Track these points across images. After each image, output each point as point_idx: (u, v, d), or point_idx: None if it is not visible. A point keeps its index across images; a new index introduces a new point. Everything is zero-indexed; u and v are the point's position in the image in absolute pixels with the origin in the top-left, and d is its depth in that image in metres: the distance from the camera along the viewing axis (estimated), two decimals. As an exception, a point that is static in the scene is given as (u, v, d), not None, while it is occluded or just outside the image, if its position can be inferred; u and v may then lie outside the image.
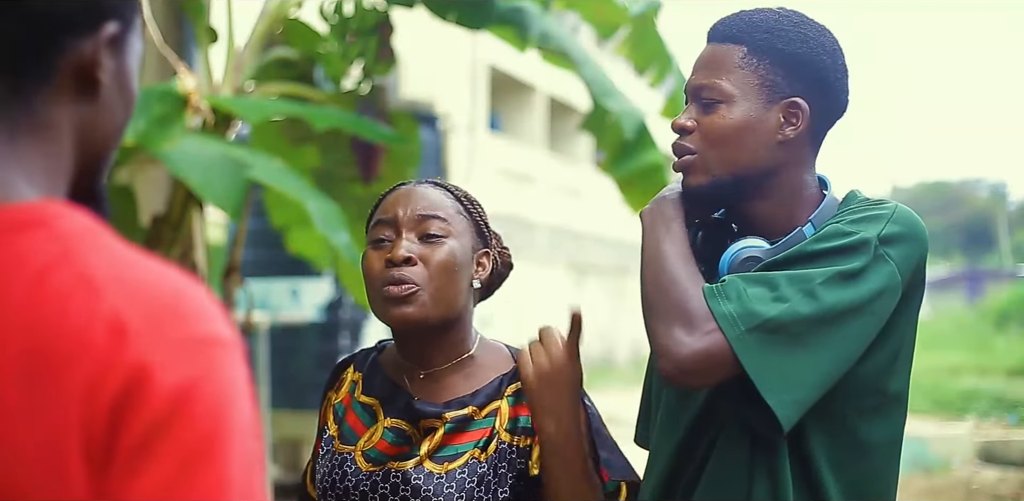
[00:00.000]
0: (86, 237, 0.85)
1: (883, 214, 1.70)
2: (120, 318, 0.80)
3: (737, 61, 1.76)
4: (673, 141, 1.80)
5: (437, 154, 9.34)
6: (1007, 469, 8.89)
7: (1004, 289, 26.60)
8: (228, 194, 3.69)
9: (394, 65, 4.75)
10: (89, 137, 0.93)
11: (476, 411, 1.80)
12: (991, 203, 48.66)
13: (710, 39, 1.81)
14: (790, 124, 1.76)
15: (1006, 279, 31.05)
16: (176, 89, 3.90)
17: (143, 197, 4.42)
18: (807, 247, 1.69)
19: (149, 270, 0.85)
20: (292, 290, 7.36)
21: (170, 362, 0.80)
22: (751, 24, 1.77)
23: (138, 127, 3.68)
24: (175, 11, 5.13)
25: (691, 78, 1.80)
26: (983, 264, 42.67)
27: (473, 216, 1.86)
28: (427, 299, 1.76)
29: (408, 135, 4.87)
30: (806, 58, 1.76)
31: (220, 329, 0.84)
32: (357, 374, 1.91)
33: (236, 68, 4.46)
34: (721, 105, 1.75)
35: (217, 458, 0.79)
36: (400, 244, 1.78)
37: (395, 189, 1.88)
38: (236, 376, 0.83)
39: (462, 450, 1.77)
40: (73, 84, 0.90)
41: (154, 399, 0.79)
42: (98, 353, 0.79)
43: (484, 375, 1.84)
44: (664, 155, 4.81)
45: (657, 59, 4.84)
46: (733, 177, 1.75)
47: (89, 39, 0.90)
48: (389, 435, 1.81)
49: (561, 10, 4.99)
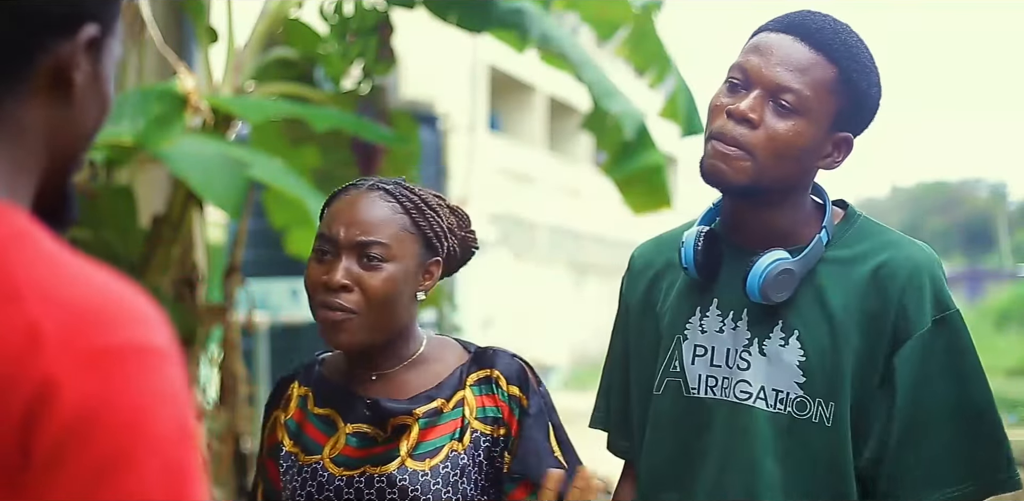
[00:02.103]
0: (16, 242, 0.82)
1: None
2: (36, 327, 0.78)
3: (826, 81, 1.71)
4: (723, 125, 1.71)
5: (437, 154, 9.34)
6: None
7: (1004, 289, 26.60)
8: (228, 194, 3.69)
9: (394, 65, 4.75)
10: (60, 139, 0.91)
11: (444, 403, 1.80)
12: (991, 203, 48.65)
13: (800, 34, 1.72)
14: (833, 156, 1.76)
15: (1006, 279, 31.06)
16: (176, 89, 3.89)
17: (143, 197, 4.42)
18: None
19: (79, 277, 0.82)
20: (292, 290, 7.36)
21: (78, 373, 0.77)
22: (847, 48, 1.72)
23: (138, 127, 3.68)
24: (175, 11, 5.13)
25: (767, 67, 1.71)
26: (983, 264, 42.67)
27: (422, 229, 1.80)
28: (362, 326, 1.75)
29: (408, 135, 4.87)
30: (871, 102, 1.77)
31: (146, 337, 0.80)
32: (303, 389, 1.89)
33: (236, 68, 4.46)
34: (795, 116, 1.70)
35: (131, 471, 0.76)
36: (338, 268, 1.75)
37: (343, 193, 1.83)
38: (159, 385, 0.79)
39: (440, 444, 1.78)
40: (48, 85, 0.89)
41: (60, 412, 0.76)
42: (11, 365, 0.77)
43: (439, 370, 1.84)
44: (663, 156, 4.82)
45: (657, 60, 4.84)
46: (772, 186, 1.73)
47: (67, 41, 0.88)
48: (352, 440, 1.80)
49: (561, 10, 5.00)
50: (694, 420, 1.82)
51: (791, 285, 1.74)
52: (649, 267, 1.95)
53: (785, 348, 1.76)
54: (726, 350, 1.80)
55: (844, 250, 1.78)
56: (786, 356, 1.76)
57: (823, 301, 1.76)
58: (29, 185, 0.90)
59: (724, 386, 1.79)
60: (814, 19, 1.75)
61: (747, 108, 1.70)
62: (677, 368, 1.84)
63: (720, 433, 1.79)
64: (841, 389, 1.73)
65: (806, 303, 1.76)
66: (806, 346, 1.75)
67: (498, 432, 1.80)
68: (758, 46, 1.74)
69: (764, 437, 1.76)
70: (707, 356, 1.82)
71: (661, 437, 1.85)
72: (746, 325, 1.79)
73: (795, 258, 1.74)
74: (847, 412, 1.73)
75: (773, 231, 1.79)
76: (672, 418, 1.84)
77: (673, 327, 1.86)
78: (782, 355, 1.76)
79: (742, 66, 1.74)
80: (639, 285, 1.95)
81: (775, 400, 1.76)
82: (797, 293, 1.76)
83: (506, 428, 1.80)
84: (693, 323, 1.84)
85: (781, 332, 1.77)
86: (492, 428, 1.80)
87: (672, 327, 1.86)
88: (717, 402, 1.80)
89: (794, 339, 1.76)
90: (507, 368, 1.83)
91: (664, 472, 1.85)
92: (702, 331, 1.83)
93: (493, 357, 1.85)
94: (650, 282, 1.94)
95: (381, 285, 1.75)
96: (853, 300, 1.75)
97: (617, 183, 4.74)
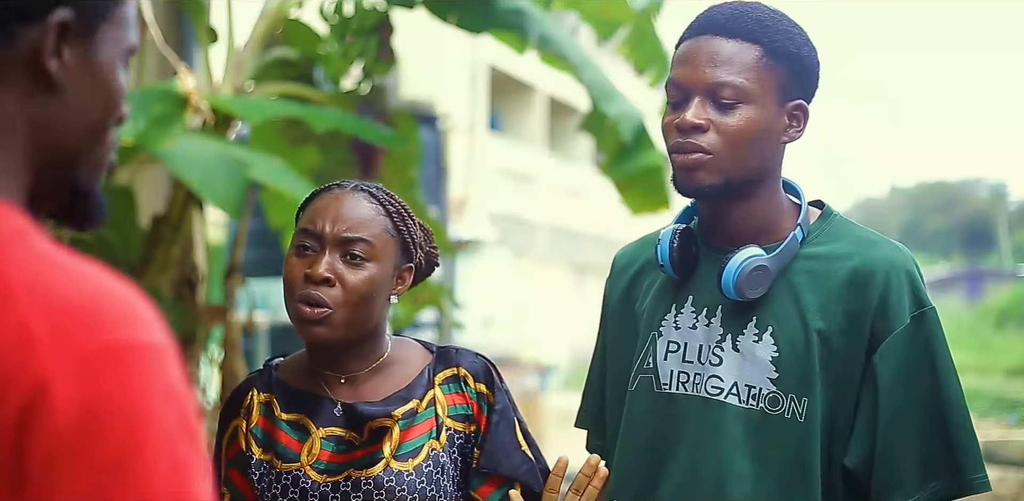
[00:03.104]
0: (11, 242, 0.81)
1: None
2: (29, 328, 0.77)
3: (756, 61, 1.74)
4: (677, 139, 1.75)
5: (437, 154, 9.34)
6: (1007, 469, 8.89)
7: (1004, 289, 26.59)
8: (228, 194, 3.69)
9: (394, 65, 4.75)
10: (50, 132, 0.88)
11: (418, 403, 1.82)
12: (991, 203, 48.62)
13: (715, 31, 1.76)
14: (793, 126, 1.78)
15: (1006, 279, 31.03)
16: (176, 89, 3.89)
17: (143, 197, 4.42)
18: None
19: (73, 277, 0.81)
20: (292, 290, 7.34)
21: (73, 374, 0.76)
22: (761, 23, 1.76)
23: (138, 127, 3.68)
24: (175, 11, 5.12)
25: (697, 72, 1.75)
26: (983, 264, 42.63)
27: (402, 233, 1.82)
28: (339, 322, 1.76)
29: (408, 135, 4.87)
30: (811, 63, 1.79)
31: (142, 336, 0.80)
32: (264, 395, 1.87)
33: (236, 68, 4.46)
34: (742, 106, 1.73)
35: (136, 469, 0.76)
36: (321, 262, 1.76)
37: (327, 191, 1.85)
38: (157, 382, 0.79)
39: (419, 443, 1.80)
40: (24, 76, 0.86)
41: (56, 414, 0.76)
42: (3, 367, 0.76)
43: (406, 371, 1.85)
44: (662, 156, 4.82)
45: (657, 60, 4.84)
46: (743, 177, 1.76)
47: (35, 27, 0.85)
48: (328, 444, 1.81)
49: (561, 10, 5.00)
50: (665, 416, 1.83)
51: (766, 282, 1.76)
52: (630, 266, 1.98)
53: (758, 344, 1.78)
54: (699, 346, 1.82)
55: (820, 247, 1.80)
56: (759, 352, 1.77)
57: (798, 298, 1.77)
58: (20, 181, 0.88)
59: (696, 382, 1.81)
60: (721, 10, 1.79)
61: (692, 117, 1.73)
62: (650, 364, 1.86)
63: (691, 428, 1.80)
64: (814, 385, 1.74)
65: (781, 300, 1.78)
66: (779, 342, 1.76)
67: (469, 429, 1.84)
68: (681, 57, 1.79)
69: (735, 432, 1.76)
70: (679, 352, 1.83)
71: (632, 433, 1.86)
72: (720, 322, 1.81)
73: (769, 255, 1.76)
74: (819, 408, 1.74)
75: (749, 228, 1.81)
76: (643, 414, 1.85)
77: (649, 325, 1.88)
78: (755, 351, 1.77)
79: (674, 81, 1.78)
80: (619, 285, 1.98)
81: (747, 396, 1.77)
82: (772, 290, 1.77)
83: (475, 425, 1.84)
84: (668, 320, 1.86)
85: (755, 328, 1.78)
86: (464, 425, 1.84)
87: (649, 325, 1.88)
88: (688, 398, 1.81)
89: (768, 335, 1.77)
90: (472, 366, 1.87)
91: (634, 468, 1.86)
92: (676, 328, 1.85)
93: (458, 356, 1.88)
94: (630, 281, 1.96)
95: (361, 283, 1.76)
96: (830, 297, 1.76)
97: (616, 183, 4.74)
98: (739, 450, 1.76)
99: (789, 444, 1.75)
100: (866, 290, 1.75)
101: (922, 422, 1.74)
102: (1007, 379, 14.88)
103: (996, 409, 12.29)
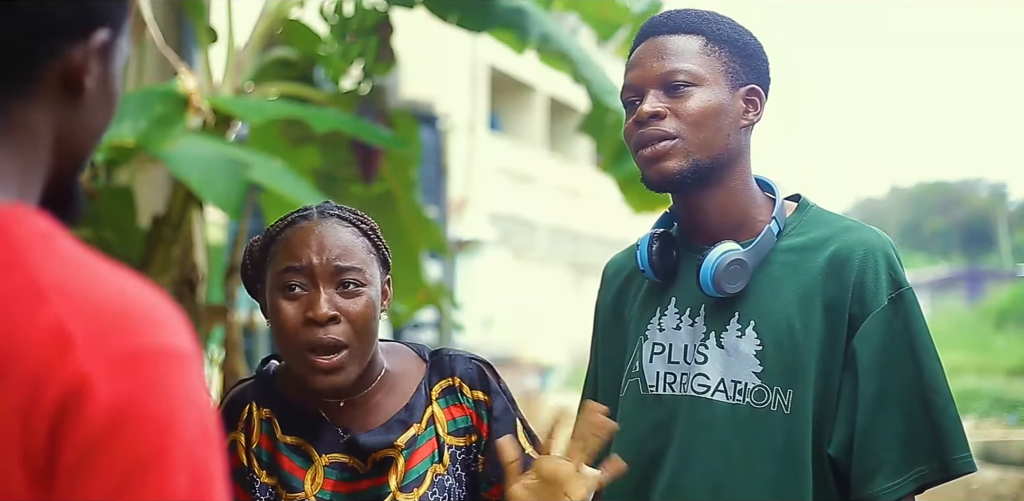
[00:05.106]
0: (39, 244, 0.82)
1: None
2: (63, 328, 0.78)
3: (699, 49, 1.80)
4: (639, 132, 1.78)
5: (437, 154, 9.35)
6: (1007, 469, 8.89)
7: (1004, 289, 26.57)
8: (228, 194, 3.69)
9: (394, 65, 4.75)
10: (68, 140, 0.91)
11: (419, 427, 1.77)
12: (991, 203, 48.61)
13: (656, 33, 1.83)
14: (750, 111, 1.82)
15: (1006, 279, 31.02)
16: (176, 89, 3.89)
17: (143, 197, 4.42)
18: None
19: (101, 279, 0.82)
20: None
21: (110, 375, 0.77)
22: (700, 17, 1.83)
23: (138, 127, 3.68)
24: (175, 11, 5.13)
25: (647, 69, 1.80)
26: (983, 264, 42.64)
27: (380, 250, 1.76)
28: (354, 360, 1.68)
29: (408, 135, 4.87)
30: (754, 49, 1.84)
31: (170, 340, 0.81)
32: (264, 411, 1.79)
33: (236, 68, 4.46)
34: (694, 88, 1.77)
35: (159, 473, 0.77)
36: (320, 301, 1.66)
37: (297, 224, 1.74)
38: (184, 388, 0.80)
39: (422, 469, 1.76)
40: (58, 89, 0.89)
41: (92, 413, 0.76)
42: (38, 364, 0.77)
43: (405, 385, 1.79)
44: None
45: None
46: (711, 161, 1.78)
47: (80, 46, 0.88)
48: (332, 473, 1.75)
49: (561, 10, 5.00)
50: (654, 417, 1.83)
51: (744, 276, 1.77)
52: (618, 275, 2.00)
53: (742, 339, 1.78)
54: (683, 346, 1.83)
55: (798, 238, 1.81)
56: (743, 347, 1.78)
57: (778, 290, 1.78)
58: (37, 186, 0.90)
59: (683, 382, 1.82)
60: (661, 15, 1.87)
61: (649, 107, 1.77)
62: (637, 368, 1.87)
63: (680, 428, 1.80)
64: (800, 376, 1.75)
65: (761, 293, 1.79)
66: (762, 335, 1.77)
67: (470, 440, 1.79)
68: (630, 64, 1.85)
69: (724, 429, 1.77)
70: (665, 354, 1.84)
71: (623, 437, 1.85)
72: (703, 320, 1.82)
73: (746, 249, 1.77)
74: (808, 399, 1.74)
75: (725, 223, 1.82)
76: (633, 417, 1.86)
77: (637, 330, 1.89)
78: (739, 346, 1.78)
79: (629, 84, 1.84)
80: (609, 293, 2.00)
81: (734, 392, 1.78)
82: (752, 284, 1.79)
83: (477, 434, 1.80)
84: (653, 323, 1.87)
85: (738, 323, 1.79)
86: (464, 438, 1.79)
87: (636, 330, 1.90)
88: (676, 398, 1.82)
89: (750, 329, 1.78)
90: (467, 373, 1.81)
91: (627, 471, 1.85)
92: (660, 330, 1.86)
93: (451, 363, 1.82)
94: (619, 289, 1.98)
95: (363, 311, 1.68)
96: (811, 287, 1.77)
97: (617, 183, 4.75)
98: (729, 446, 1.76)
99: (777, 437, 1.75)
100: (843, 273, 1.75)
101: (902, 404, 1.73)
102: (1007, 379, 14.87)
103: (996, 409, 12.29)
